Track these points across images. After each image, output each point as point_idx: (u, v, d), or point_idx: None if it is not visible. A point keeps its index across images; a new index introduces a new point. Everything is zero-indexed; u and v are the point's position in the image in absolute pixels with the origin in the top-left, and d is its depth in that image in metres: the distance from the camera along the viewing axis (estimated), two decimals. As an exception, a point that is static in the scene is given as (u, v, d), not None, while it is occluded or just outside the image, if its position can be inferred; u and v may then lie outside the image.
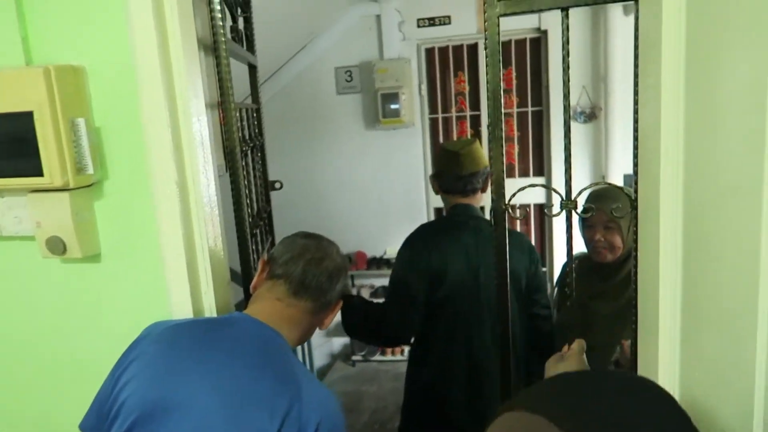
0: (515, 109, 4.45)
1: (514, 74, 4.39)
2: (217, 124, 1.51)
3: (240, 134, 1.56)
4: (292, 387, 1.02)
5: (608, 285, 1.72)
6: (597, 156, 4.25)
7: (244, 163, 1.58)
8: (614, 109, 4.09)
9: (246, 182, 1.56)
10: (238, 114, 1.53)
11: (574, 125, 4.31)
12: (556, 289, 2.13)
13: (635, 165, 1.12)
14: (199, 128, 1.27)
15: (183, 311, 1.25)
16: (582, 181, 4.17)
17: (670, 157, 0.90)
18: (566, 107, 1.17)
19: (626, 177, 4.12)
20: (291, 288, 1.15)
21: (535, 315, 1.99)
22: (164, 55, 1.17)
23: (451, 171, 1.94)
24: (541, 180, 4.45)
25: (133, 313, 1.30)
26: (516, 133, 4.48)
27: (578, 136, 4.21)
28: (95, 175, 1.21)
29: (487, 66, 1.19)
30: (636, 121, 1.10)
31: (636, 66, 1.08)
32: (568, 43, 1.15)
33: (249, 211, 1.55)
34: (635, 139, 1.11)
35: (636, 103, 1.08)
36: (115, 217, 1.26)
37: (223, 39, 1.36)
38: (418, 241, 1.96)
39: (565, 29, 1.15)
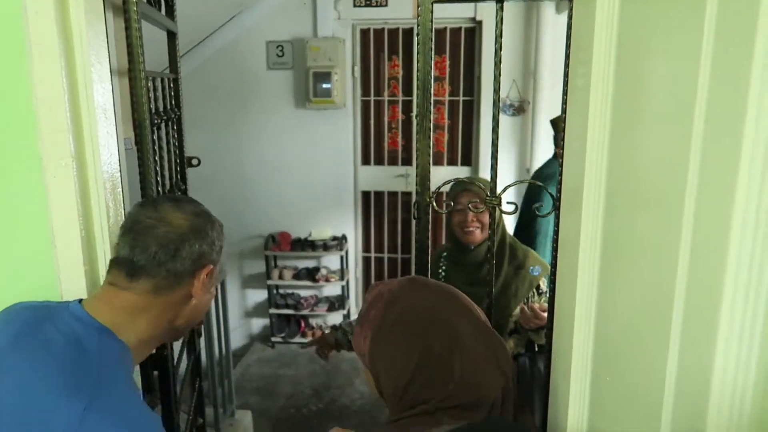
0: (447, 98, 4.46)
1: (447, 62, 4.39)
2: (127, 94, 1.39)
3: (153, 105, 1.45)
4: (79, 402, 0.83)
5: (484, 269, 1.77)
6: (523, 149, 4.34)
7: (156, 137, 1.47)
8: (542, 104, 4.17)
9: (158, 157, 1.45)
10: (151, 83, 1.41)
11: (502, 118, 4.37)
12: None
13: (560, 165, 1.12)
14: (103, 97, 1.16)
15: (75, 295, 1.14)
16: (507, 173, 4.25)
17: (594, 161, 0.89)
18: (496, 102, 1.14)
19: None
20: (123, 269, 0.98)
21: None
22: (61, 11, 1.05)
23: None
24: (467, 170, 4.50)
25: (17, 298, 1.17)
26: (447, 122, 4.50)
27: (506, 129, 4.27)
28: (-25, 142, 1.07)
29: (417, 54, 1.15)
30: (563, 120, 1.09)
31: (567, 66, 1.06)
32: (501, 36, 1.12)
33: (159, 189, 1.44)
34: (561, 138, 1.10)
35: (564, 102, 1.07)
36: (0, 192, 1.13)
37: (133, 0, 1.24)
38: None
39: (499, 21, 1.12)
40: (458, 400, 0.85)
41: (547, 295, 1.73)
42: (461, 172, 4.44)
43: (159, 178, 1.44)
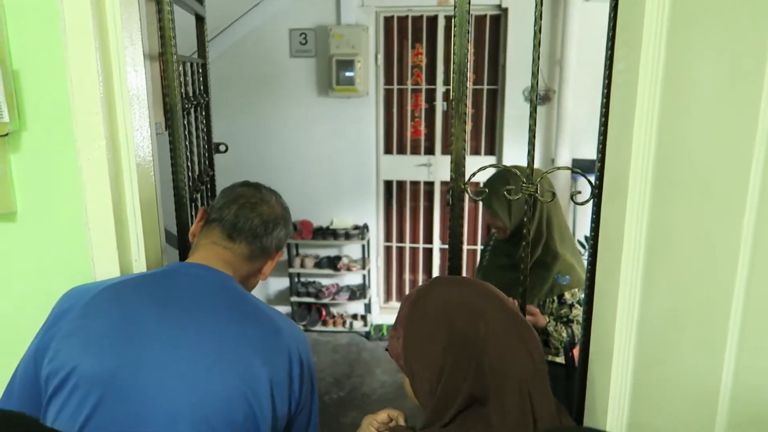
0: (471, 86, 4.40)
1: (472, 50, 4.33)
2: (158, 78, 1.38)
3: (183, 90, 1.44)
4: (270, 324, 1.04)
5: (512, 259, 1.80)
6: (547, 139, 4.28)
7: (185, 122, 1.46)
8: (567, 93, 4.10)
9: (187, 143, 1.45)
10: (181, 68, 1.40)
11: (527, 106, 4.30)
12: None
13: (600, 152, 1.09)
14: (136, 80, 1.15)
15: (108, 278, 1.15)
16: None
17: (641, 149, 0.86)
18: (534, 86, 1.11)
19: (575, 162, 4.18)
20: (225, 231, 1.10)
21: None
22: (97, -6, 1.04)
23: None
24: (491, 159, 4.45)
25: (51, 279, 1.17)
26: (470, 111, 4.45)
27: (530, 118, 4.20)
28: (11, 124, 1.07)
29: (454, 37, 1.12)
30: (604, 106, 1.06)
31: (609, 49, 1.03)
32: (541, 17, 1.08)
33: (189, 174, 1.43)
34: (602, 124, 1.07)
35: (607, 87, 1.03)
36: (34, 174, 1.13)
37: (166, -18, 1.23)
38: None
39: (538, 17, 1.08)
40: (488, 382, 0.84)
41: (571, 308, 1.70)
42: (485, 161, 4.39)
43: (188, 163, 1.44)
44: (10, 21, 1.06)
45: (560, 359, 1.67)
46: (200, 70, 1.75)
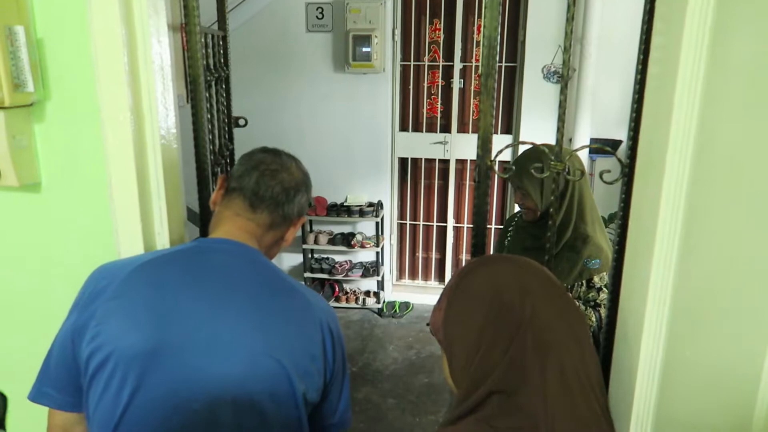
0: (489, 63, 4.33)
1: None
2: (179, 50, 1.36)
3: (204, 62, 1.42)
4: (302, 299, 1.05)
5: (538, 242, 1.73)
6: (567, 118, 4.21)
7: (207, 95, 1.44)
8: (588, 71, 4.02)
9: (209, 116, 1.43)
10: (203, 39, 1.38)
11: (545, 85, 4.24)
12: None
13: (632, 129, 1.06)
14: (160, 50, 1.13)
15: (132, 251, 1.15)
16: (551, 142, 4.13)
17: (681, 126, 0.83)
18: (566, 61, 1.08)
19: (593, 141, 4.12)
20: (246, 200, 1.08)
21: None
22: (121, -39, 1.02)
23: None
24: (508, 138, 4.40)
25: (75, 250, 1.18)
26: (487, 88, 4.38)
27: (548, 96, 4.14)
28: (36, 93, 1.06)
29: (485, 9, 1.09)
30: (638, 82, 1.02)
31: (646, 23, 0.99)
32: (574, 4, 1.05)
33: (210, 147, 1.42)
34: (635, 102, 1.04)
35: (642, 63, 1.00)
36: (59, 144, 1.13)
37: (190, -49, 1.20)
38: None
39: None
40: (528, 364, 0.80)
41: (599, 292, 1.67)
42: (502, 140, 4.34)
43: (210, 137, 1.42)
44: (35, -12, 1.05)
45: None
46: (220, 43, 1.73)
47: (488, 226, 4.50)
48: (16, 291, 1.22)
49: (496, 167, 1.19)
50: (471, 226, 1.22)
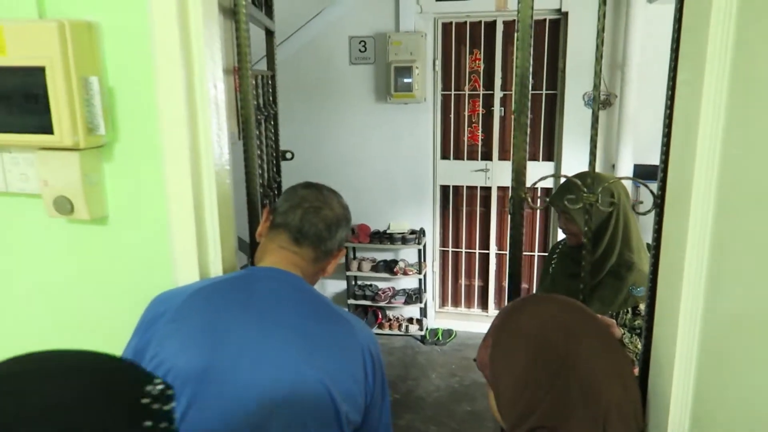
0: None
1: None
2: (231, 90, 1.47)
3: (255, 102, 1.52)
4: (346, 324, 1.11)
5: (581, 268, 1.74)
6: (608, 144, 4.20)
7: (257, 132, 1.54)
8: (629, 97, 4.02)
9: (258, 152, 1.53)
10: (254, 81, 1.48)
11: (587, 112, 4.24)
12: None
13: (663, 161, 1.09)
14: (215, 94, 1.23)
15: (188, 279, 1.23)
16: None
17: (705, 155, 0.87)
18: (596, 97, 1.13)
19: (636, 167, 4.08)
20: (291, 236, 1.15)
21: None
22: (183, 16, 1.13)
23: None
24: (550, 165, 4.40)
25: (136, 279, 1.28)
26: (529, 116, 4.41)
27: (590, 123, 4.13)
28: (106, 136, 1.18)
29: (516, 50, 1.15)
30: (668, 110, 1.05)
31: (674, 51, 1.03)
32: (603, 30, 1.10)
33: (260, 180, 1.51)
34: (665, 134, 1.07)
35: (671, 90, 1.03)
36: (125, 180, 1.23)
37: (243, 2, 1.31)
38: None
39: (602, 16, 1.10)
40: (573, 402, 0.83)
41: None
42: (543, 167, 4.35)
43: (259, 171, 1.52)
44: (107, 41, 1.16)
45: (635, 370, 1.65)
46: (269, 82, 1.84)
47: (532, 254, 4.51)
48: (84, 314, 1.32)
49: (539, 193, 1.24)
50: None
